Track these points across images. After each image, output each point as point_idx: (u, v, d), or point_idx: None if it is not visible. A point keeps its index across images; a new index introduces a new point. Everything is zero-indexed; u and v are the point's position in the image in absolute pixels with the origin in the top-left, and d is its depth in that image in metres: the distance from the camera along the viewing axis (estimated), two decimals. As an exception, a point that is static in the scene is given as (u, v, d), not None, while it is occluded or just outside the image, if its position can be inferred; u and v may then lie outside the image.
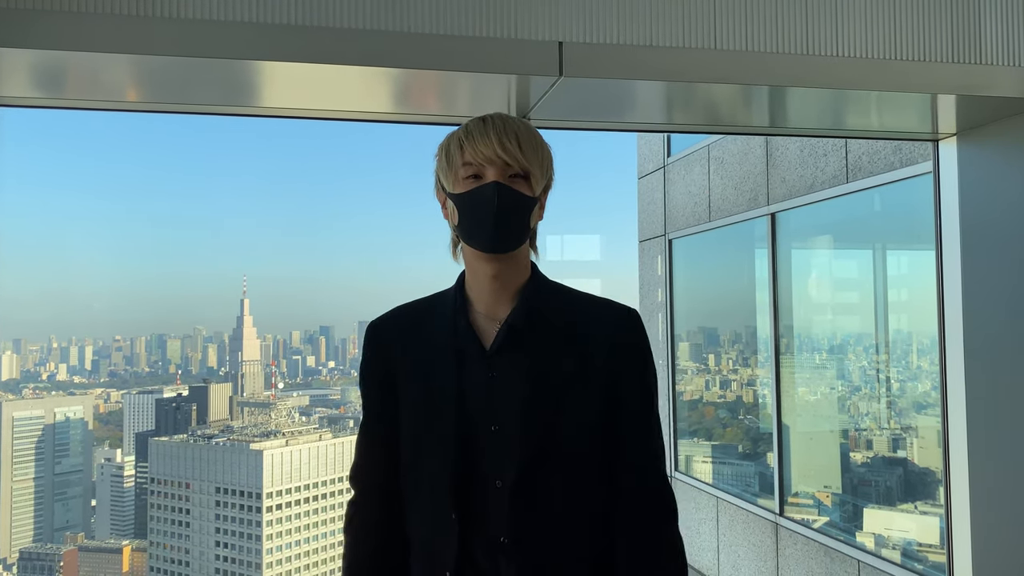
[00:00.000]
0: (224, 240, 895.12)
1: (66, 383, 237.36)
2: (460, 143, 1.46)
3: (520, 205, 1.44)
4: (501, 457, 1.42)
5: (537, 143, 1.47)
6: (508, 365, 1.46)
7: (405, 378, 1.51)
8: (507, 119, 1.46)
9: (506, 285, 1.49)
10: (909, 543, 4.55)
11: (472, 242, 1.46)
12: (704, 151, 6.64)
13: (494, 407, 1.44)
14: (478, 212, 1.43)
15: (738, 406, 6.57)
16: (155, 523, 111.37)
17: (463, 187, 1.45)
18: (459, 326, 1.49)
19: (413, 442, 1.49)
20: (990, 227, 3.06)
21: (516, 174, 1.44)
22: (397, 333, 1.54)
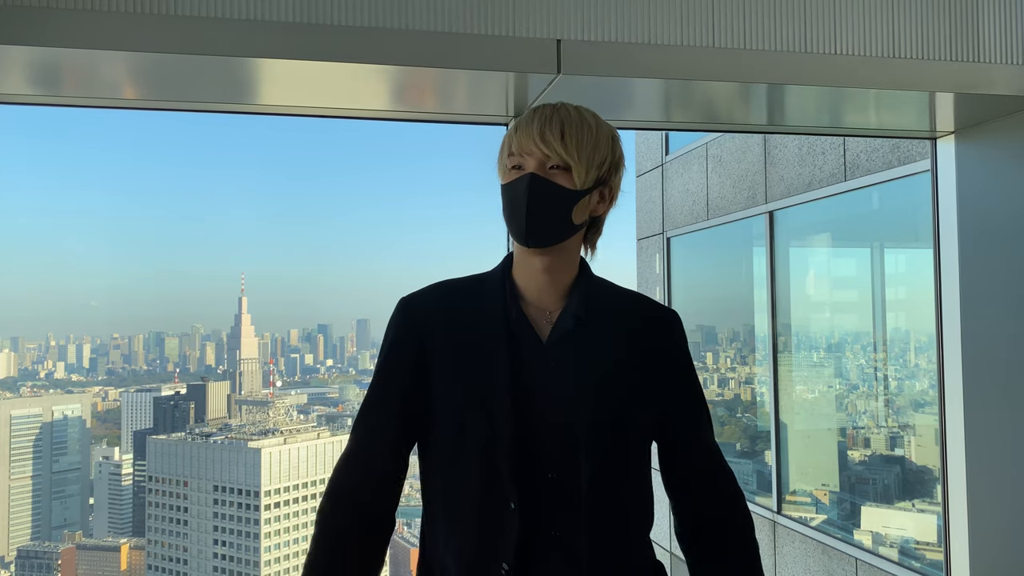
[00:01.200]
0: (222, 238, 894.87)
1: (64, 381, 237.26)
2: (511, 133, 1.44)
3: (555, 198, 1.39)
4: (554, 449, 1.40)
5: (588, 134, 1.41)
6: (565, 357, 1.43)
7: (446, 358, 1.44)
8: (560, 107, 1.43)
9: (556, 279, 1.47)
10: (907, 541, 4.56)
11: (513, 235, 1.45)
12: (702, 149, 6.64)
13: (550, 398, 1.41)
14: (513, 204, 1.41)
15: (736, 404, 6.58)
16: (153, 521, 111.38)
17: (506, 178, 1.44)
18: (512, 313, 1.45)
19: (456, 425, 1.42)
20: (988, 225, 3.06)
21: (557, 166, 1.40)
22: (438, 311, 1.47)
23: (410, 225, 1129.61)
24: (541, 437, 1.40)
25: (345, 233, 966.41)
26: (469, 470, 1.40)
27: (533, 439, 1.39)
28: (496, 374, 1.41)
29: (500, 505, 1.38)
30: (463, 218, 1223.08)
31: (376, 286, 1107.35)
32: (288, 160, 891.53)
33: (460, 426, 1.41)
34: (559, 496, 1.39)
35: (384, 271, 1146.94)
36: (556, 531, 1.39)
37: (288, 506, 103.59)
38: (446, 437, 1.43)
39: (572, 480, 1.39)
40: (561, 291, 1.48)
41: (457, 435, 1.42)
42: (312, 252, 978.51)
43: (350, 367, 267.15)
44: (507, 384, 1.40)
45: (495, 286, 1.49)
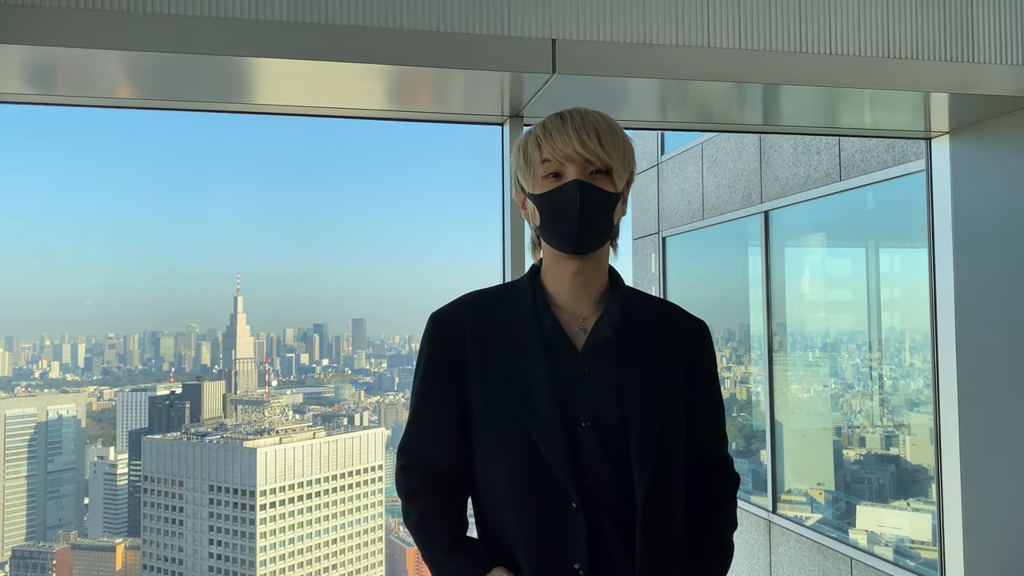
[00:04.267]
0: (217, 237, 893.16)
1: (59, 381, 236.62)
2: (538, 141, 1.43)
3: (603, 203, 1.42)
4: (592, 451, 1.41)
5: (618, 137, 1.44)
6: (601, 363, 1.45)
7: (483, 371, 1.47)
8: (586, 113, 1.44)
9: (588, 283, 1.49)
10: (901, 540, 4.57)
11: (556, 243, 1.45)
12: (698, 149, 6.65)
13: (586, 403, 1.43)
14: (561, 213, 1.41)
15: (731, 404, 6.59)
16: (148, 521, 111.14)
17: (543, 187, 1.43)
18: (546, 319, 1.47)
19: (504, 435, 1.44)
20: (982, 225, 3.07)
21: (597, 170, 1.41)
22: (469, 323, 1.49)
23: (407, 224, 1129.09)
24: (582, 444, 1.42)
25: (341, 232, 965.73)
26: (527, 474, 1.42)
27: (579, 445, 1.41)
28: (537, 380, 1.43)
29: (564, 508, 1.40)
30: (461, 217, 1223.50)
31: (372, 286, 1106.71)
32: (284, 159, 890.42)
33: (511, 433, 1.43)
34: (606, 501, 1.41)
35: (380, 271, 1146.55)
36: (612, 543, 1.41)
37: (284, 506, 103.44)
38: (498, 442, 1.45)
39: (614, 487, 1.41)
40: (594, 297, 1.50)
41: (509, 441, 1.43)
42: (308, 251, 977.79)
43: (346, 367, 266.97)
44: (549, 390, 1.42)
45: (525, 293, 1.51)
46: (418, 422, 1.54)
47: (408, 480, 1.54)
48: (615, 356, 1.46)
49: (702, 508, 1.58)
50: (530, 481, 1.42)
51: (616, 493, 1.41)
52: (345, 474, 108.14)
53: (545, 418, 1.41)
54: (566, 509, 1.40)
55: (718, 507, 1.60)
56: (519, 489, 1.43)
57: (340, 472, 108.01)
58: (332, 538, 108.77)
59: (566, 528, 1.40)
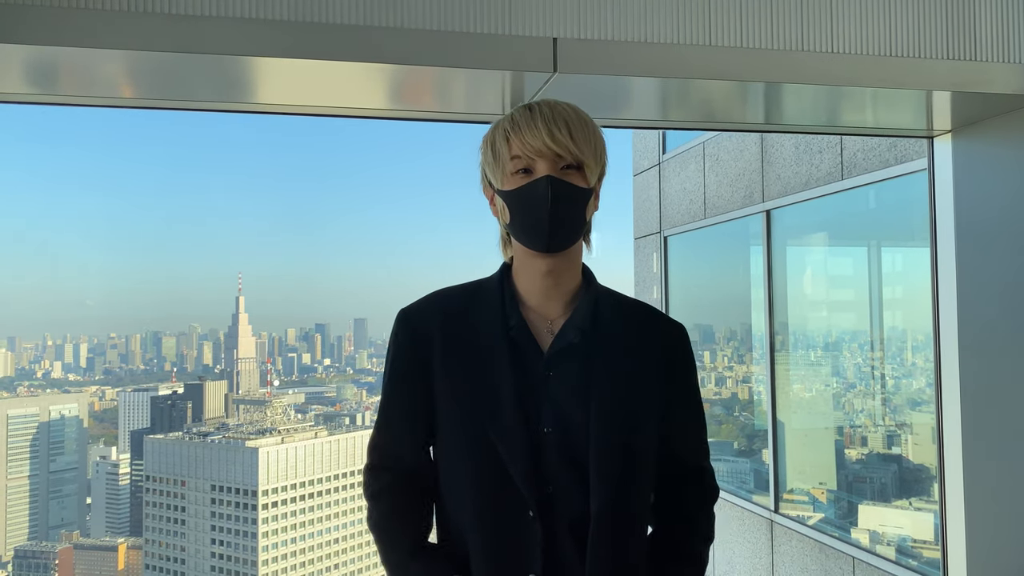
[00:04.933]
0: (219, 237, 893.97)
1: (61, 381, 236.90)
2: (506, 135, 1.38)
3: (575, 199, 1.36)
4: (553, 459, 1.38)
5: (589, 129, 1.38)
6: (567, 368, 1.41)
7: (448, 370, 1.43)
8: (555, 105, 1.38)
9: (559, 282, 1.44)
10: (904, 539, 4.57)
11: (526, 241, 1.40)
12: (699, 148, 6.64)
13: (550, 409, 1.39)
14: (531, 210, 1.35)
15: (733, 403, 6.58)
16: (151, 521, 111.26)
17: (513, 183, 1.37)
18: (512, 321, 1.42)
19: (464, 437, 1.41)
20: (985, 224, 3.06)
21: (569, 165, 1.36)
22: (437, 320, 1.45)
23: (408, 224, 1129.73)
24: (544, 451, 1.38)
25: (343, 232, 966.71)
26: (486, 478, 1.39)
27: (539, 452, 1.38)
28: (500, 383, 1.39)
29: (520, 515, 1.37)
30: (463, 217, 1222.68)
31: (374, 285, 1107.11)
32: (285, 159, 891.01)
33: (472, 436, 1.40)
34: (565, 510, 1.37)
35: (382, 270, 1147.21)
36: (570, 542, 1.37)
37: (285, 505, 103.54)
38: (459, 445, 1.42)
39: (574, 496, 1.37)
40: (565, 297, 1.45)
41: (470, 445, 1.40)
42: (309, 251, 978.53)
43: (348, 366, 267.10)
44: (513, 394, 1.38)
45: (494, 293, 1.46)
46: (386, 421, 1.50)
47: (375, 480, 1.50)
48: (582, 360, 1.41)
49: (675, 519, 1.53)
50: (489, 486, 1.38)
51: (576, 502, 1.37)
52: (347, 473, 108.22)
53: (506, 423, 1.37)
54: (523, 517, 1.36)
55: (691, 519, 1.54)
56: (478, 494, 1.40)
57: (342, 472, 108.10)
58: (334, 537, 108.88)
59: (523, 536, 1.36)
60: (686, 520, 1.54)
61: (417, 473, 1.48)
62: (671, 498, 1.53)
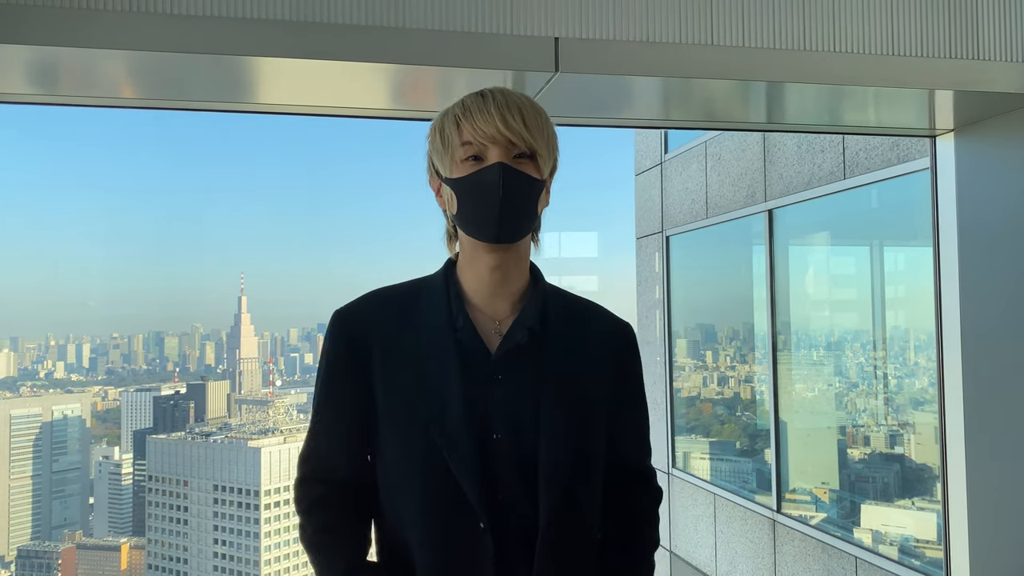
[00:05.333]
0: (221, 237, 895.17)
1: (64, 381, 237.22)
2: (457, 121, 1.31)
3: (528, 189, 1.30)
4: (504, 465, 1.31)
5: (543, 119, 1.32)
6: (516, 370, 1.34)
7: (389, 374, 1.34)
8: (508, 93, 1.32)
9: (507, 279, 1.37)
10: (906, 539, 4.56)
11: (474, 231, 1.32)
12: (701, 147, 6.64)
13: (498, 413, 1.32)
14: (481, 198, 1.28)
15: (735, 403, 6.57)
16: (153, 521, 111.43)
17: (462, 170, 1.30)
18: (458, 320, 1.35)
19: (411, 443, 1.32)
20: (987, 223, 3.05)
21: (522, 154, 1.29)
22: (376, 322, 1.37)
23: (410, 223, 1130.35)
24: (494, 457, 1.31)
25: (345, 231, 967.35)
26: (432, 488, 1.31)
27: (487, 459, 1.31)
28: (447, 389, 1.32)
29: (470, 526, 1.29)
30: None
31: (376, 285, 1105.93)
32: (287, 159, 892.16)
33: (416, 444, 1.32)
34: (517, 519, 1.31)
35: (384, 270, 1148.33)
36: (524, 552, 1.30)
37: (288, 505, 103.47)
38: (402, 453, 1.34)
39: (526, 504, 1.31)
40: (513, 296, 1.38)
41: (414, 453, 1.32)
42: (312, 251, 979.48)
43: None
44: (460, 399, 1.31)
45: (438, 291, 1.39)
46: (320, 429, 1.41)
47: (307, 493, 1.40)
48: (531, 361, 1.35)
49: (623, 523, 1.48)
50: (437, 499, 1.30)
51: (530, 511, 1.31)
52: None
53: (453, 430, 1.29)
54: (474, 529, 1.29)
55: (640, 527, 1.50)
56: (424, 507, 1.31)
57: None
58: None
59: (473, 549, 1.29)
60: (635, 528, 1.49)
61: (354, 485, 1.39)
62: (619, 503, 1.48)
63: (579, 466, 1.35)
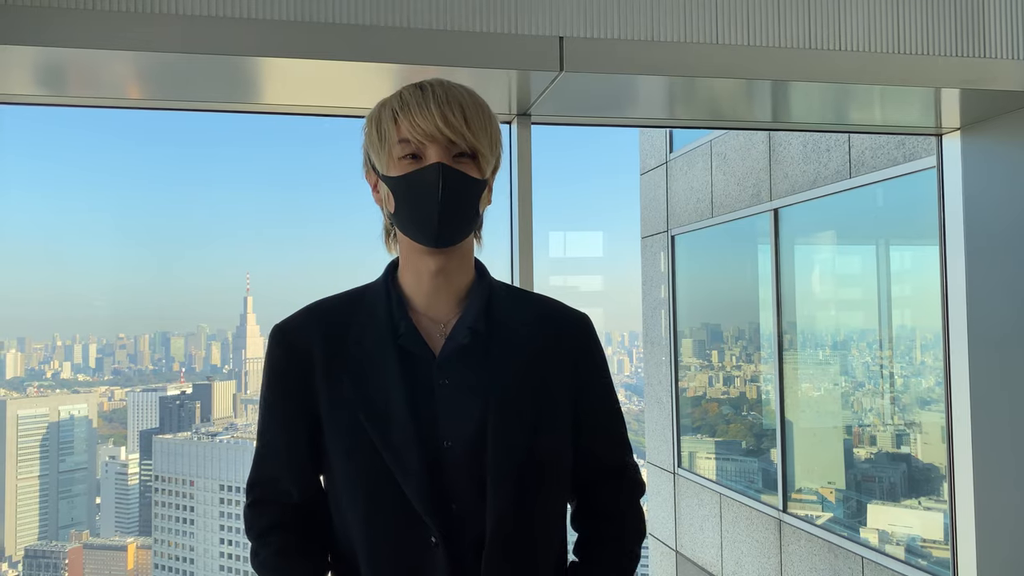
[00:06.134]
0: (227, 237, 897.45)
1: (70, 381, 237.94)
2: (394, 115, 1.25)
3: (469, 190, 1.24)
4: (456, 474, 1.26)
5: (486, 116, 1.26)
6: (462, 373, 1.29)
7: (332, 388, 1.29)
8: (449, 86, 1.25)
9: (449, 281, 1.31)
10: (913, 539, 4.55)
11: (412, 233, 1.27)
12: (706, 147, 6.63)
13: (447, 419, 1.27)
14: (419, 199, 1.22)
15: (741, 402, 6.56)
16: (159, 520, 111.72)
17: (399, 169, 1.24)
18: (400, 327, 1.29)
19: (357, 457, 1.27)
20: (994, 222, 3.04)
21: (462, 153, 1.23)
22: (317, 335, 1.31)
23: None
24: (446, 466, 1.26)
25: (349, 232, 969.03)
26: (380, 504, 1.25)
27: (438, 469, 1.25)
28: (391, 396, 1.27)
29: (421, 542, 1.24)
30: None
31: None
32: (292, 159, 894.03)
33: (361, 458, 1.26)
34: (471, 529, 1.25)
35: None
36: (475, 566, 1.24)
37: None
38: (348, 469, 1.29)
39: (480, 513, 1.25)
40: (456, 297, 1.33)
41: (360, 467, 1.27)
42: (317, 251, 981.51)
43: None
44: (405, 409, 1.26)
45: (378, 298, 1.34)
46: (266, 450, 1.35)
47: (259, 518, 1.34)
48: (477, 363, 1.29)
49: (602, 519, 1.42)
50: (386, 514, 1.25)
51: (483, 521, 1.25)
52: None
53: (399, 442, 1.24)
54: (426, 544, 1.23)
55: (620, 516, 1.42)
56: (372, 524, 1.26)
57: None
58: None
59: (426, 565, 1.23)
60: (615, 518, 1.42)
61: (306, 507, 1.34)
62: (594, 500, 1.42)
63: (532, 469, 1.28)
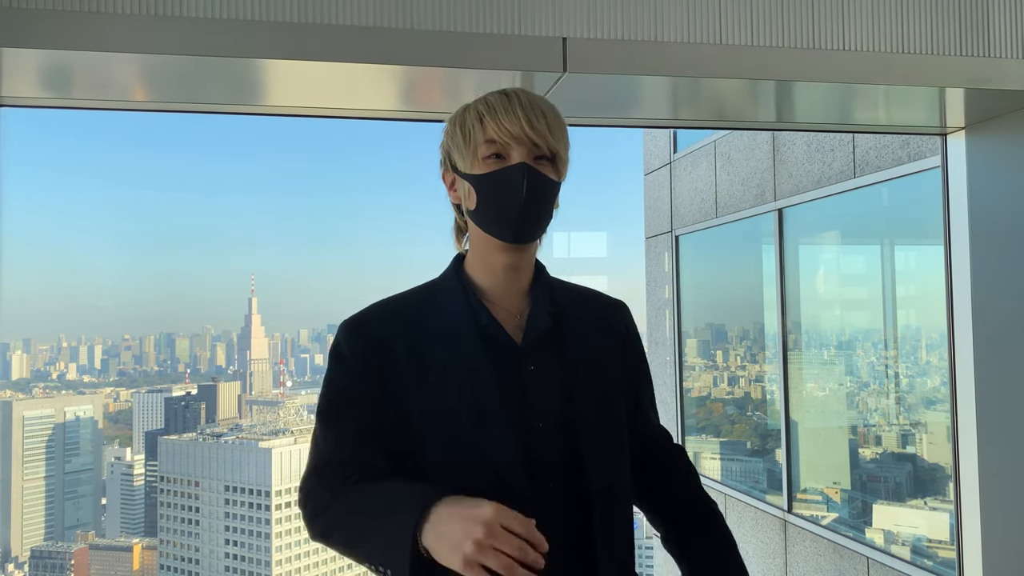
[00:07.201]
0: (232, 239, 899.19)
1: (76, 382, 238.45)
2: (480, 117, 1.32)
3: (547, 190, 1.32)
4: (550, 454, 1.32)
5: (562, 124, 1.35)
6: (545, 356, 1.36)
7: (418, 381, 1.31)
8: (532, 95, 1.34)
9: (519, 276, 1.39)
10: (919, 539, 4.54)
11: (493, 229, 1.33)
12: (710, 147, 6.62)
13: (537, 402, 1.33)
14: (503, 197, 1.29)
15: (746, 402, 6.56)
16: (165, 521, 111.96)
17: (483, 167, 1.31)
18: (482, 317, 1.35)
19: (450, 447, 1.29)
20: (999, 221, 3.04)
21: (542, 156, 1.31)
22: (396, 327, 1.34)
23: (418, 224, 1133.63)
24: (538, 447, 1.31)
25: (354, 233, 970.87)
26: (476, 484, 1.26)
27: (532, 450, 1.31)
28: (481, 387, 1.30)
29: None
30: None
31: (385, 286, 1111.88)
32: (297, 161, 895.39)
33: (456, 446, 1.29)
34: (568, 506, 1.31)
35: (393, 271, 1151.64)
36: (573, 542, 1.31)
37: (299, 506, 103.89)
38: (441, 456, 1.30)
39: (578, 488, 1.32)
40: (523, 290, 1.40)
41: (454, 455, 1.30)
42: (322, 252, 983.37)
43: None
44: (496, 396, 1.30)
45: (453, 293, 1.38)
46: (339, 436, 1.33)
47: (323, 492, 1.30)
48: (556, 349, 1.37)
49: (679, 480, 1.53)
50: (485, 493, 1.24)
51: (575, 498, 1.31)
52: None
53: (497, 426, 1.29)
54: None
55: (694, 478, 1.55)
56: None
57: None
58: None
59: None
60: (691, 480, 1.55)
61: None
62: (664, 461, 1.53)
63: (617, 445, 1.39)
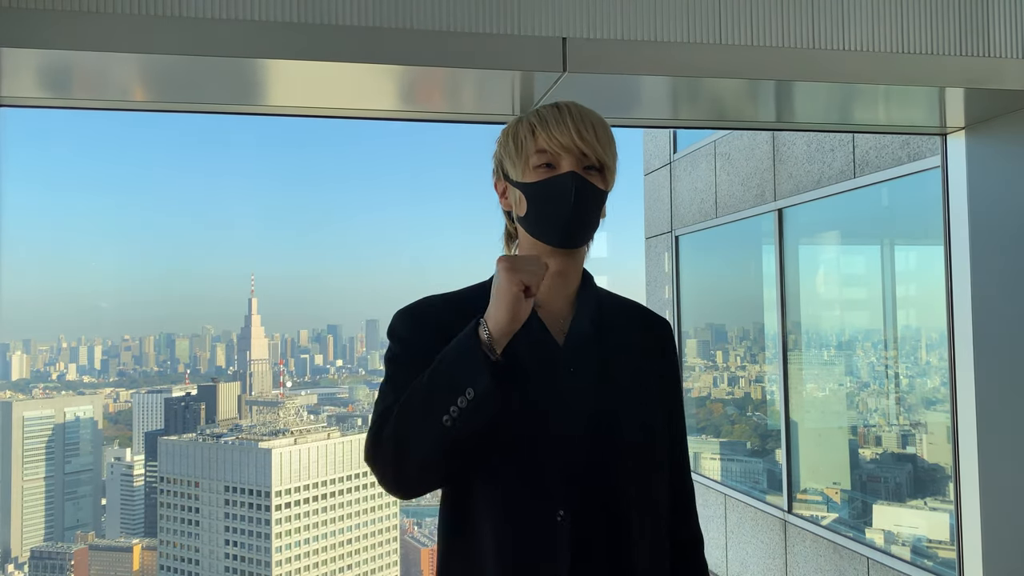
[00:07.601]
0: (232, 239, 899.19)
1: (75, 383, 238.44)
2: (532, 128, 1.38)
3: (595, 198, 1.38)
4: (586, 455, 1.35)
5: (611, 136, 1.41)
6: (586, 360, 1.40)
7: None
8: (583, 108, 1.40)
9: (566, 282, 1.44)
10: (919, 539, 4.54)
11: (543, 235, 1.39)
12: (710, 147, 6.62)
13: (575, 404, 1.37)
14: (553, 204, 1.36)
15: (746, 403, 6.56)
16: (165, 522, 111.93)
17: (535, 176, 1.37)
18: (530, 321, 1.37)
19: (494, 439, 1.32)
20: (999, 221, 3.04)
21: (591, 166, 1.37)
22: (451, 319, 1.36)
23: (419, 225, 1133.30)
24: (575, 448, 1.35)
25: (354, 233, 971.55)
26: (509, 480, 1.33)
27: (568, 450, 1.35)
28: (527, 382, 1.35)
29: (547, 516, 1.32)
30: (475, 218, 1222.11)
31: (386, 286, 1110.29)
32: (297, 161, 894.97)
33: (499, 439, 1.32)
34: (602, 503, 1.35)
35: (394, 271, 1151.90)
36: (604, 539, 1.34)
37: (299, 506, 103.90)
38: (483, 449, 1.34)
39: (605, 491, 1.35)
40: (569, 296, 1.45)
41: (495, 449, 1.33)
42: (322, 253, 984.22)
43: (360, 367, 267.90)
44: (540, 393, 1.36)
45: None
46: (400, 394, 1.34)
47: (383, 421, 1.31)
48: (598, 356, 1.41)
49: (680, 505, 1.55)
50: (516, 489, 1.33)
51: (607, 503, 1.35)
52: (360, 474, 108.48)
53: (537, 424, 1.34)
54: (551, 519, 1.32)
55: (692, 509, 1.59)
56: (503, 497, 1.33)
57: (355, 472, 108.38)
58: (347, 538, 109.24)
59: (551, 539, 1.32)
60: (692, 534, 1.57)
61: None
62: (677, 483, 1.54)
63: (653, 454, 1.42)
